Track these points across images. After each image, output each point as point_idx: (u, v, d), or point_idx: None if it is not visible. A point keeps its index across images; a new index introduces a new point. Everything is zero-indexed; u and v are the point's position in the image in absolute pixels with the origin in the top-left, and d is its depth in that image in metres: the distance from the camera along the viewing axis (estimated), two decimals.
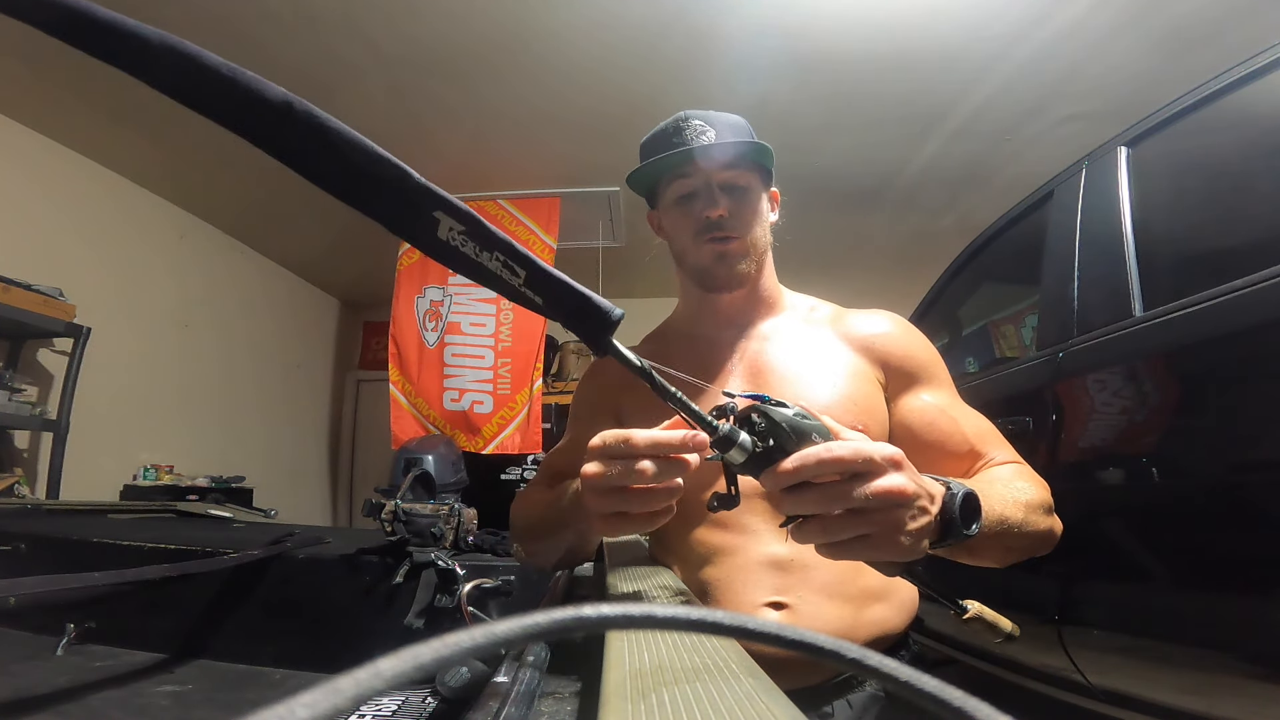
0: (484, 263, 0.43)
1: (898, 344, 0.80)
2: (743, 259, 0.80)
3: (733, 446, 0.45)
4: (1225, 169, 1.11)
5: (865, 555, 0.46)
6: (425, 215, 0.42)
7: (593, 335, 0.46)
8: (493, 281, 0.44)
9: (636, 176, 0.83)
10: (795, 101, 2.57)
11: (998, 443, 0.76)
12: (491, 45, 2.29)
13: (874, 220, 3.57)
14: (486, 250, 0.43)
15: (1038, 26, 2.16)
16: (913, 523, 0.46)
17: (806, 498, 0.44)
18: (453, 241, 0.43)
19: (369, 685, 0.14)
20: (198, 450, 3.40)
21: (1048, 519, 0.66)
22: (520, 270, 0.44)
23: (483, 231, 0.43)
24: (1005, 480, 0.67)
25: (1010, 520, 0.59)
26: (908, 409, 0.77)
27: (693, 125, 0.78)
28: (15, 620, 1.09)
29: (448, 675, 0.80)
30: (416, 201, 0.41)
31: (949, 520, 0.49)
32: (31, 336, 2.55)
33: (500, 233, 0.44)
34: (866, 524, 0.44)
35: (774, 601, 0.69)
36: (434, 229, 0.42)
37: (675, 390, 0.46)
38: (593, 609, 0.20)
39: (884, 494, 0.44)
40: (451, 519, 1.20)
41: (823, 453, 0.44)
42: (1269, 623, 0.83)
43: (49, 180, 2.72)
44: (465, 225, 0.42)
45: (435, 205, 0.42)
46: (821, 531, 0.45)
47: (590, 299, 0.45)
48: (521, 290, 0.44)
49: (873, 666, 0.20)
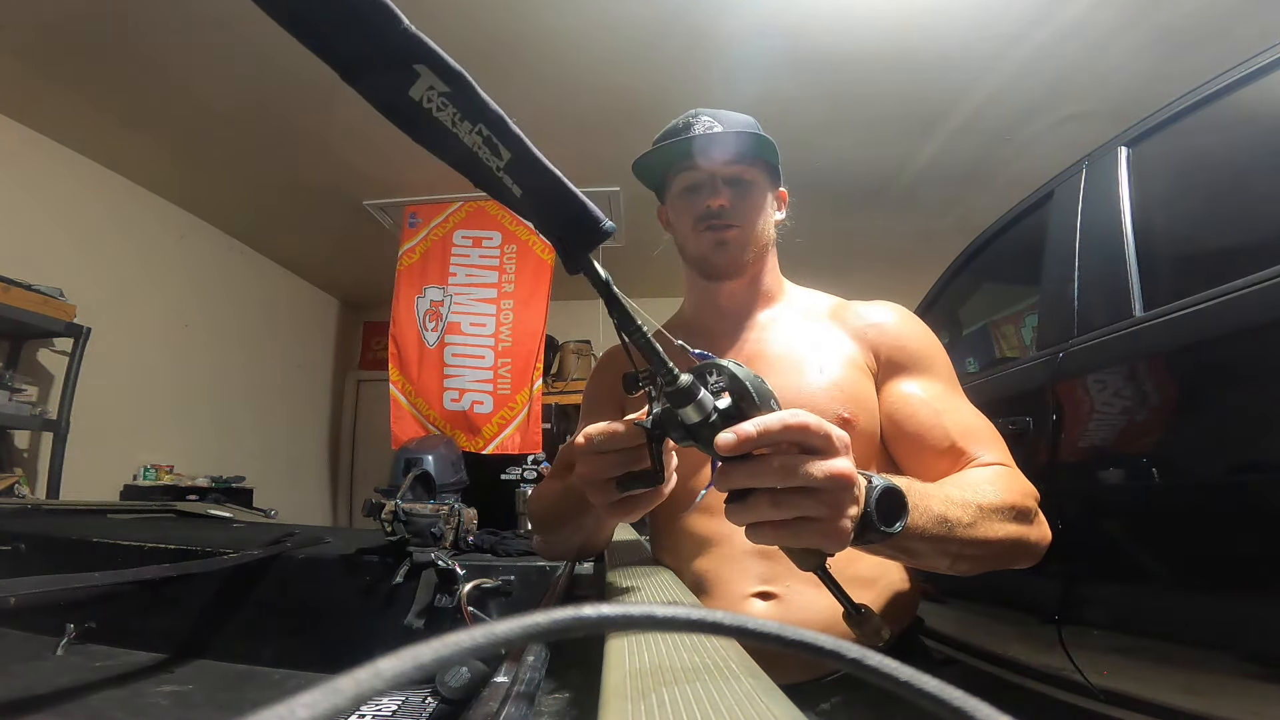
0: (460, 134, 0.37)
1: (892, 332, 0.79)
2: (742, 247, 0.81)
3: (690, 402, 0.41)
4: (1225, 169, 1.11)
5: (803, 540, 0.43)
6: (398, 65, 0.36)
7: (573, 246, 0.41)
8: (464, 160, 0.39)
9: (641, 165, 0.84)
10: (795, 101, 2.57)
11: (988, 442, 0.72)
12: (493, 44, 2.29)
13: (874, 220, 3.57)
14: (469, 120, 0.37)
15: (1038, 26, 2.16)
16: (849, 509, 0.43)
17: (760, 470, 0.41)
18: (427, 103, 0.37)
19: (369, 685, 0.14)
20: (198, 450, 3.40)
21: (1017, 526, 0.61)
22: (505, 151, 0.38)
23: (471, 97, 0.37)
24: (970, 483, 0.62)
25: (955, 522, 0.54)
26: (891, 398, 0.75)
27: (702, 121, 0.80)
28: (15, 620, 1.09)
29: (448, 675, 0.81)
30: (394, 46, 0.35)
31: (865, 515, 0.46)
32: (31, 336, 2.55)
33: (494, 104, 0.38)
34: (815, 505, 0.42)
35: (762, 591, 0.69)
36: (407, 84, 0.36)
37: (639, 324, 0.42)
38: (593, 609, 0.20)
39: (838, 475, 0.41)
40: (451, 519, 1.20)
41: (789, 418, 0.41)
42: (1269, 623, 0.83)
43: (50, 181, 2.72)
44: (451, 86, 0.36)
45: (419, 57, 0.35)
46: (772, 506, 0.42)
47: (582, 203, 0.40)
48: (499, 176, 0.39)
49: (873, 666, 0.20)
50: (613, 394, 0.87)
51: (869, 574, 0.72)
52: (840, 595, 0.46)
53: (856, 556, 0.69)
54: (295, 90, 2.21)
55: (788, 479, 0.41)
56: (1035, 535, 0.64)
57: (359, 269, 4.21)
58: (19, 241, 2.53)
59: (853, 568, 0.69)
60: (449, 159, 0.38)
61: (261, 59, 2.23)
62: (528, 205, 0.40)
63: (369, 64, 0.36)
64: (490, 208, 3.29)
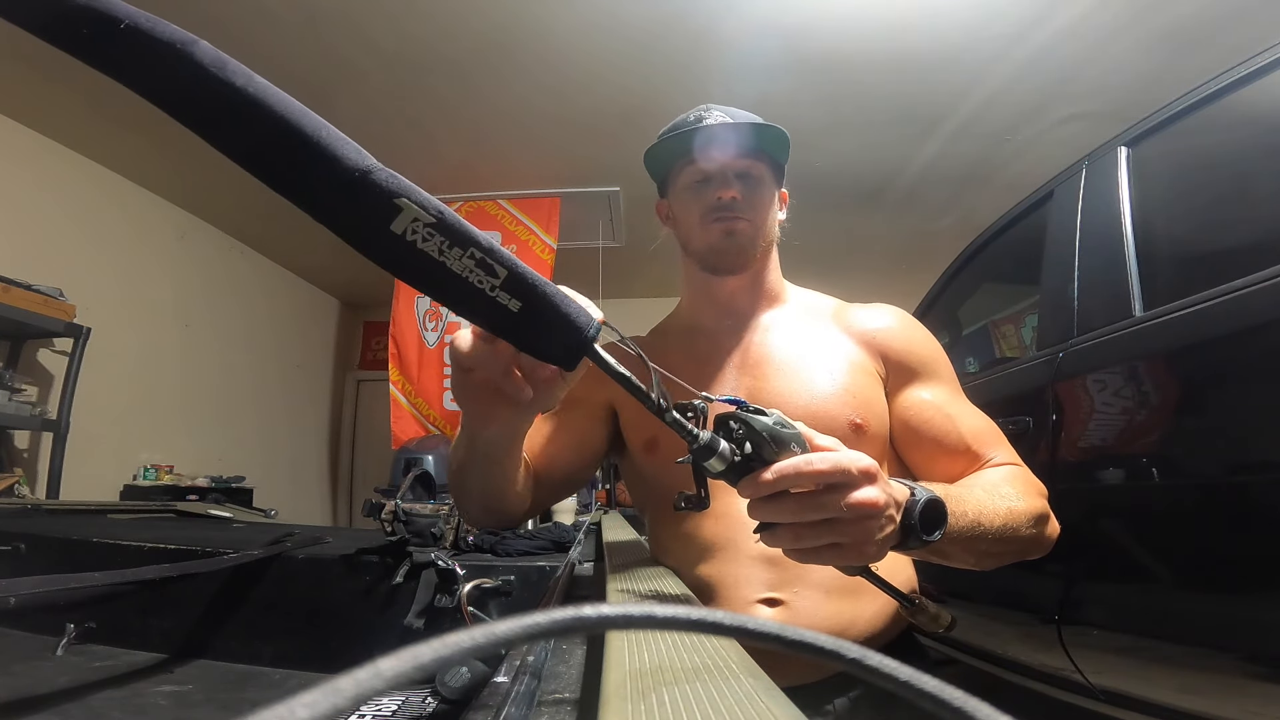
0: (447, 262, 0.37)
1: (899, 338, 0.79)
2: (751, 239, 0.80)
3: (713, 455, 0.44)
4: (1225, 169, 1.11)
5: (833, 561, 0.47)
6: (378, 202, 0.35)
7: (576, 346, 0.42)
8: (452, 285, 0.38)
9: (654, 153, 0.83)
10: (795, 102, 2.57)
11: (997, 443, 0.75)
12: (491, 45, 2.29)
13: (874, 220, 3.58)
14: (459, 247, 0.37)
15: (1038, 26, 2.16)
16: (881, 532, 0.47)
17: (783, 506, 0.45)
18: (410, 236, 0.36)
19: (369, 685, 0.14)
20: (198, 450, 3.40)
21: (1035, 526, 0.65)
22: (501, 269, 0.38)
23: (455, 224, 0.37)
24: (991, 485, 0.66)
25: (986, 526, 0.58)
26: (906, 405, 0.76)
27: (714, 114, 0.79)
28: (15, 620, 1.08)
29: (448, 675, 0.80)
30: (372, 187, 0.35)
31: (908, 526, 0.50)
32: (31, 336, 2.55)
33: (476, 229, 0.38)
34: (838, 534, 0.45)
35: (768, 598, 0.68)
36: (388, 219, 0.36)
37: (656, 398, 0.44)
38: (593, 609, 0.20)
39: (857, 505, 0.44)
40: (451, 519, 1.20)
41: (801, 464, 0.44)
42: (1269, 623, 0.83)
43: (49, 180, 2.72)
44: (435, 218, 0.36)
45: (399, 192, 0.36)
46: (794, 538, 0.46)
47: (580, 306, 0.42)
48: (492, 296, 0.38)
49: (873, 666, 0.20)
50: (593, 394, 0.83)
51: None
52: (890, 591, 0.51)
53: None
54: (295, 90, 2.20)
55: (807, 514, 0.45)
56: (1050, 530, 0.67)
57: (359, 269, 4.20)
58: (19, 241, 2.54)
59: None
60: (435, 289, 0.38)
61: (261, 59, 2.23)
62: (525, 319, 0.40)
63: (345, 206, 0.36)
64: (490, 207, 3.29)
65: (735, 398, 0.47)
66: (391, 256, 0.37)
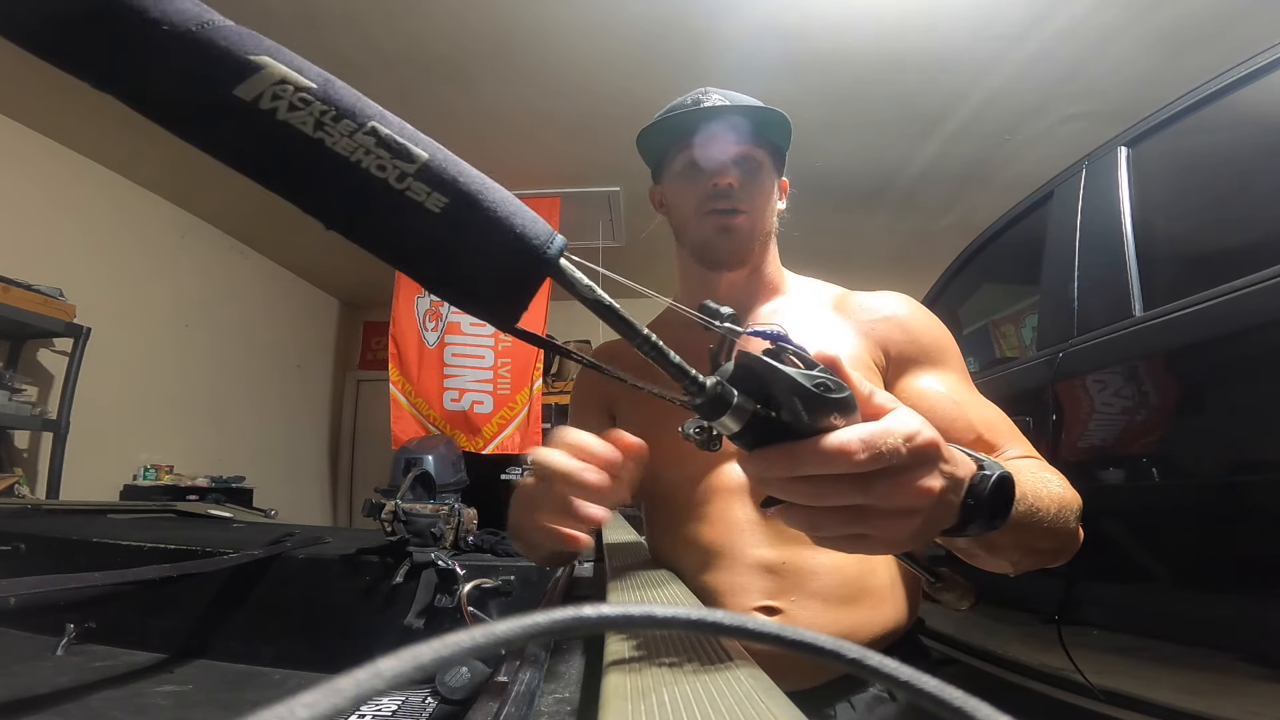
0: (326, 139, 0.26)
1: (901, 326, 0.74)
2: (748, 235, 0.76)
3: (725, 412, 0.33)
4: (1225, 169, 1.11)
5: (855, 552, 0.37)
6: (223, 58, 0.25)
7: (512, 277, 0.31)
8: (334, 176, 0.26)
9: (648, 135, 0.79)
10: (795, 102, 2.56)
11: (1012, 436, 0.68)
12: (491, 45, 2.29)
13: (874, 220, 3.57)
14: (349, 119, 0.26)
15: (1038, 26, 2.16)
16: (925, 526, 0.36)
17: (804, 485, 0.34)
18: (268, 104, 0.25)
19: (369, 685, 0.14)
20: (197, 450, 3.40)
21: (1077, 520, 0.56)
22: (418, 153, 0.27)
23: (347, 94, 0.27)
24: (1032, 469, 0.57)
25: (1041, 514, 0.48)
26: (909, 393, 0.71)
27: (712, 97, 0.75)
28: (15, 620, 1.09)
29: (448, 675, 0.81)
30: (212, 42, 0.25)
31: (974, 508, 0.39)
32: (31, 336, 2.55)
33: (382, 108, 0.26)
34: (868, 525, 0.35)
35: (765, 606, 0.67)
36: (233, 82, 0.25)
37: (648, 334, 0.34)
38: (593, 609, 0.20)
39: (902, 495, 0.34)
40: (451, 519, 1.20)
41: (833, 449, 0.32)
42: (1269, 623, 0.83)
43: (49, 180, 2.72)
44: (315, 82, 0.26)
45: (258, 50, 0.25)
46: (810, 525, 0.36)
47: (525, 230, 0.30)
48: (401, 189, 0.27)
49: (873, 666, 0.20)
50: (597, 399, 0.83)
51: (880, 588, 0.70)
52: (919, 567, 0.47)
53: (865, 574, 0.68)
54: None
55: (827, 500, 0.34)
56: (1082, 533, 0.60)
57: (359, 269, 4.21)
58: (19, 241, 2.54)
59: (861, 581, 0.68)
60: (305, 187, 0.26)
61: None
62: (450, 225, 0.28)
63: (175, 73, 0.25)
64: None
65: (772, 330, 0.35)
66: (229, 136, 0.25)
